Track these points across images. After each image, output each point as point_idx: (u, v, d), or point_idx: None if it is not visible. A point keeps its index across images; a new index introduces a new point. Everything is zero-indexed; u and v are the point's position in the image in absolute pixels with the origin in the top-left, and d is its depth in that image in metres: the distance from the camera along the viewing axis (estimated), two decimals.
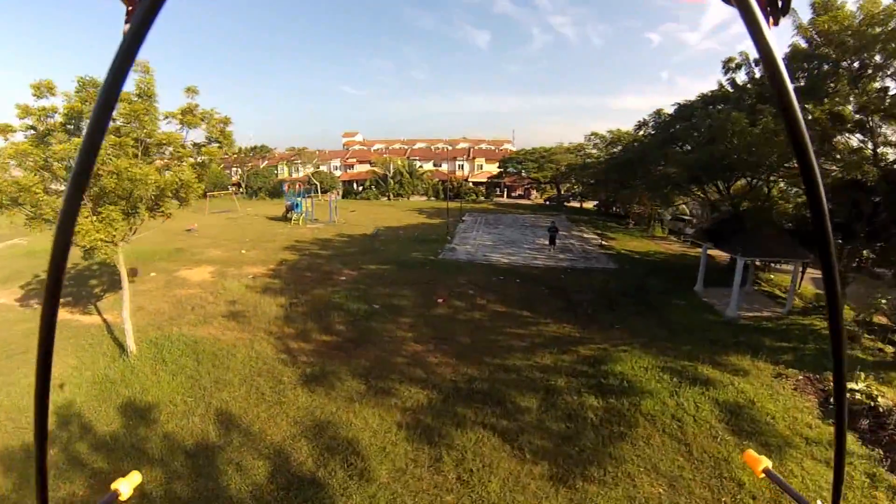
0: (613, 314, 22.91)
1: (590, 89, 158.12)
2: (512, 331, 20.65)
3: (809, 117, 18.60)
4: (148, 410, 14.57)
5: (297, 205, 49.97)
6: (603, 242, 40.80)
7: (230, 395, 15.49)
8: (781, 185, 29.68)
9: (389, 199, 77.79)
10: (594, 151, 62.73)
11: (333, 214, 51.13)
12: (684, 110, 30.94)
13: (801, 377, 16.41)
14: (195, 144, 18.83)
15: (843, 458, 1.27)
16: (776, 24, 0.89)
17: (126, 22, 0.87)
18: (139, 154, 16.94)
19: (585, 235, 45.27)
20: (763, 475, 1.84)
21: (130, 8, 0.89)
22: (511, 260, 32.92)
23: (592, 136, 62.30)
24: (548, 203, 76.07)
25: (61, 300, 2.60)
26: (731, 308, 22.80)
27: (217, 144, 18.77)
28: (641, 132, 38.37)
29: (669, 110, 33.09)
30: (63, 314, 20.94)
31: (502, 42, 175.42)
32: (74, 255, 19.01)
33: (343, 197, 79.81)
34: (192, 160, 18.55)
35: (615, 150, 50.73)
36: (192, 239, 39.62)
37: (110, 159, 15.50)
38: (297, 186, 55.46)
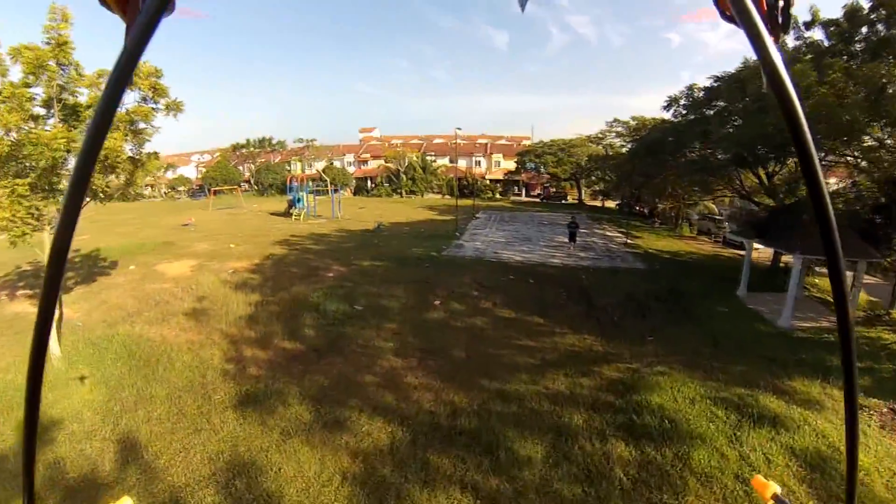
0: (644, 322, 18.90)
1: (609, 89, 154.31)
2: (519, 342, 16.72)
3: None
4: (46, 429, 11.26)
5: (298, 200, 48.22)
6: (628, 241, 36.85)
7: (147, 413, 12.19)
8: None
9: (402, 195, 74.31)
10: (616, 141, 58.31)
11: (337, 210, 48.93)
12: (726, 82, 26.90)
13: (885, 409, 12.47)
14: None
15: (856, 470, 1.19)
16: (777, 40, 0.89)
17: (126, 35, 0.84)
18: (55, 115, 14.16)
19: (608, 233, 41.36)
20: (772, 501, 1.68)
21: (128, 24, 0.88)
22: (525, 258, 29.01)
23: (615, 123, 57.92)
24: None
25: (30, 291, 21.05)
26: (785, 317, 18.78)
27: (152, 104, 15.18)
28: (670, 112, 33.99)
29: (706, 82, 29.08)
30: (25, 306, 19.88)
31: (521, 42, 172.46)
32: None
33: (355, 194, 79.67)
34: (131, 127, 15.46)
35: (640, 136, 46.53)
36: (186, 233, 37.77)
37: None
38: (300, 181, 52.29)
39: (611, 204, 70.20)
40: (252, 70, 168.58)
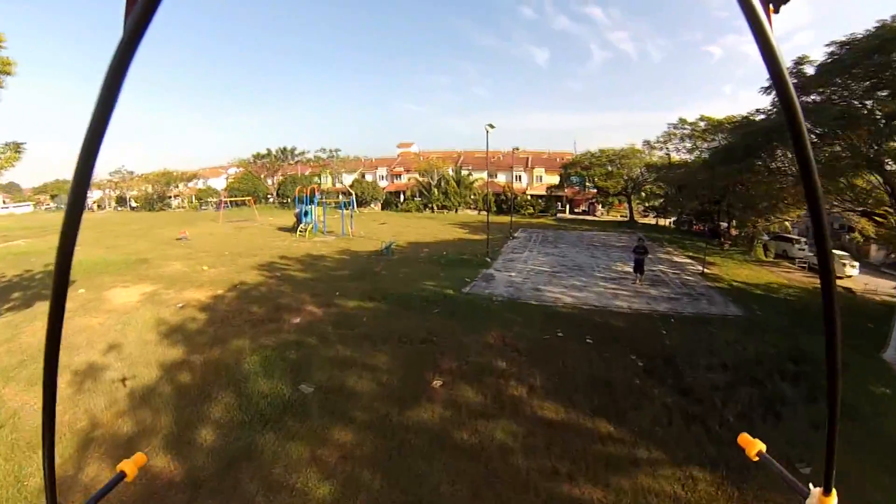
0: (781, 427, 10.78)
1: (651, 105, 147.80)
2: (574, 490, 8.69)
3: None
4: None
5: (306, 213, 42.59)
6: (705, 270, 28.60)
7: None
8: None
9: (433, 210, 67.46)
10: (685, 144, 49.83)
11: (348, 226, 42.97)
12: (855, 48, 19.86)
13: None
14: None
15: (835, 443, 1.21)
16: (776, 11, 0.88)
17: (125, 19, 0.80)
18: None
19: (676, 259, 33.17)
20: (757, 458, 1.64)
21: (127, 6, 0.84)
22: (577, 297, 20.96)
23: (680, 124, 49.43)
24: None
25: None
26: None
27: None
28: (770, 97, 26.38)
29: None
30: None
31: (562, 59, 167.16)
32: None
33: (383, 208, 75.14)
34: None
35: (714, 140, 38.33)
36: (172, 249, 34.40)
37: None
38: (310, 193, 46.04)
39: (663, 222, 62.56)
40: (296, 87, 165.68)
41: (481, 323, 16.72)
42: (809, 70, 23.10)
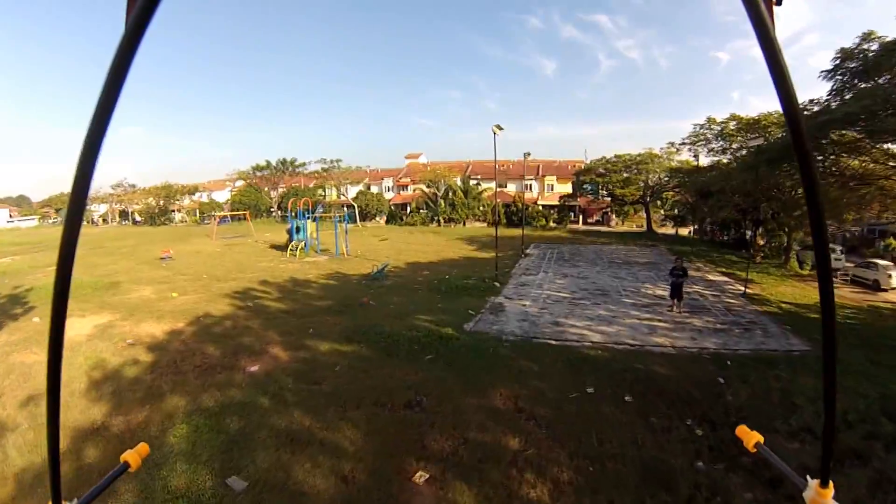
0: None
1: (660, 113, 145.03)
2: None
3: None
4: None
5: (298, 230, 39.07)
6: (747, 290, 24.76)
7: None
8: None
9: (439, 224, 63.96)
10: (715, 146, 45.82)
11: (343, 244, 39.14)
12: None
13: None
14: None
15: (833, 434, 1.26)
16: (779, 3, 0.88)
17: (126, 16, 0.81)
18: None
19: (710, 277, 29.42)
20: (755, 450, 1.78)
21: (129, 4, 0.85)
22: (606, 334, 17.06)
23: (708, 124, 45.42)
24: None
25: None
26: None
27: None
28: (832, 82, 23.76)
29: None
30: None
31: (570, 68, 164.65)
32: None
33: (388, 221, 71.96)
34: None
35: (750, 142, 34.72)
36: (150, 270, 31.91)
37: None
38: (304, 206, 42.81)
39: (683, 232, 59.12)
40: (306, 102, 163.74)
41: (486, 375, 12.90)
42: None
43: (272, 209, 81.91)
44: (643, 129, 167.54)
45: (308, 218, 40.87)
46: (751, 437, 1.73)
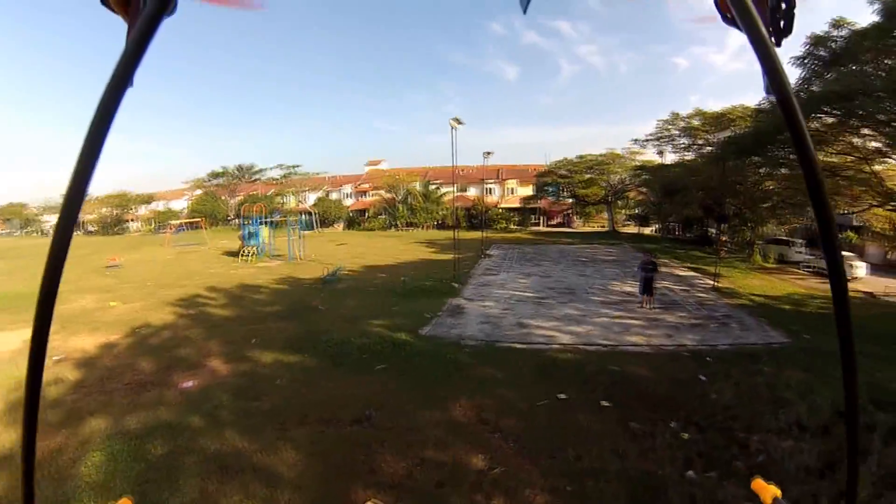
0: None
1: (621, 118, 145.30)
2: None
3: None
4: None
5: (251, 235, 37.48)
6: (717, 284, 24.09)
7: None
8: None
9: (398, 228, 62.63)
10: (681, 142, 45.10)
11: (297, 249, 37.77)
12: None
13: None
14: None
15: (856, 486, 1.16)
16: (778, 45, 0.93)
17: (127, 36, 0.86)
18: None
19: (679, 272, 28.65)
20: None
21: (130, 25, 0.90)
22: (576, 334, 15.78)
23: (672, 119, 44.67)
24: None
25: None
26: None
27: None
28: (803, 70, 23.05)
29: None
30: None
31: (532, 74, 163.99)
32: None
33: (347, 228, 70.86)
34: None
35: (718, 134, 34.36)
36: (95, 279, 29.53)
37: None
38: (258, 212, 41.13)
39: (646, 231, 58.99)
40: (267, 107, 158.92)
41: (445, 385, 11.52)
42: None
43: (230, 217, 79.53)
44: (605, 133, 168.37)
45: (261, 223, 39.40)
46: (768, 492, 1.58)
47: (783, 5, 0.97)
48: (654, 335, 15.47)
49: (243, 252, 36.29)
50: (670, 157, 46.67)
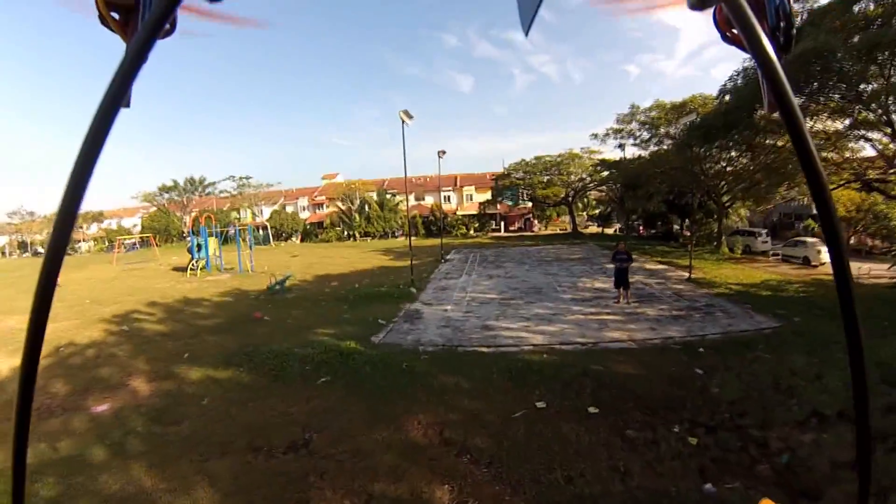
0: None
1: (575, 126, 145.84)
2: None
3: None
4: None
5: (200, 248, 35.62)
6: (691, 275, 22.91)
7: None
8: None
9: (355, 238, 60.86)
10: (642, 135, 43.63)
11: (247, 261, 36.12)
12: None
13: None
14: None
15: (868, 494, 1.03)
16: (780, 61, 0.82)
17: (124, 54, 0.80)
18: None
19: (649, 266, 27.51)
20: None
21: (128, 44, 0.94)
22: (549, 334, 14.09)
23: (631, 113, 43.24)
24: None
25: None
26: None
27: None
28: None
29: None
30: None
31: (486, 84, 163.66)
32: None
33: (303, 240, 68.54)
34: None
35: (683, 119, 33.25)
36: (28, 299, 23.31)
37: None
38: (204, 224, 39.05)
39: (609, 230, 58.56)
40: (216, 122, 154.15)
41: (399, 399, 9.66)
42: None
43: (185, 234, 76.26)
44: (560, 140, 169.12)
45: (210, 235, 37.31)
46: None
47: (782, 24, 1.02)
48: (636, 329, 13.90)
49: (191, 266, 34.48)
50: (631, 152, 45.25)
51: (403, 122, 24.16)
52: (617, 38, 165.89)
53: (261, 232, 62.66)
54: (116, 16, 0.96)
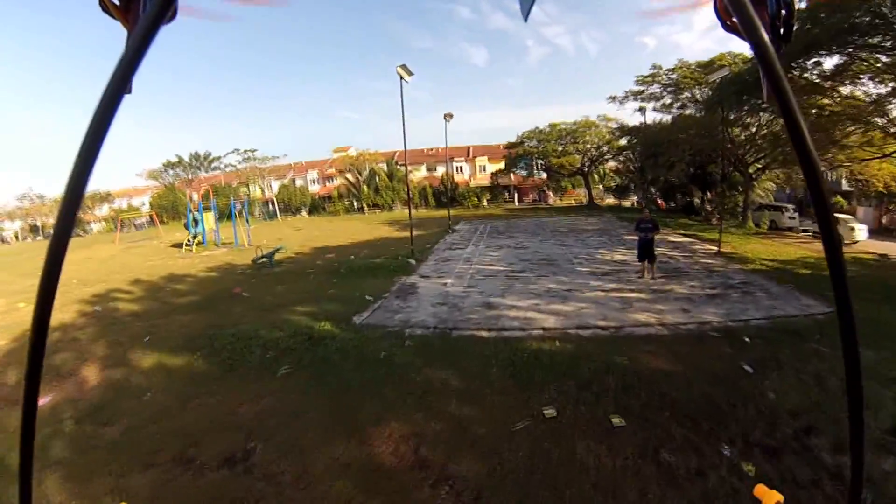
0: None
1: (590, 97, 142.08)
2: None
3: None
4: None
5: (197, 223, 34.81)
6: (720, 249, 20.98)
7: None
8: None
9: (363, 211, 59.14)
10: (664, 100, 40.52)
11: (245, 236, 35.14)
12: None
13: None
14: None
15: (861, 482, 1.00)
16: (779, 51, 0.91)
17: (126, 42, 0.85)
18: None
19: (672, 238, 25.54)
20: None
21: (129, 31, 0.93)
22: (563, 314, 12.03)
23: (655, 71, 40.43)
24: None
25: None
26: None
27: None
28: None
29: None
30: None
31: (500, 56, 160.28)
32: None
33: (310, 213, 66.76)
34: None
35: (713, 75, 30.61)
36: (20, 280, 25.53)
37: None
38: (200, 197, 37.89)
39: (626, 203, 56.99)
40: (229, 95, 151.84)
41: (370, 398, 7.78)
42: None
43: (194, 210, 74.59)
44: (575, 112, 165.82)
45: (207, 210, 36.27)
46: (770, 497, 1.45)
47: (783, 12, 1.02)
48: (666, 310, 11.86)
49: (187, 242, 33.41)
50: (651, 118, 42.26)
51: (402, 78, 22.03)
52: (633, 9, 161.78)
53: (270, 207, 62.36)
54: (117, 1, 0.93)
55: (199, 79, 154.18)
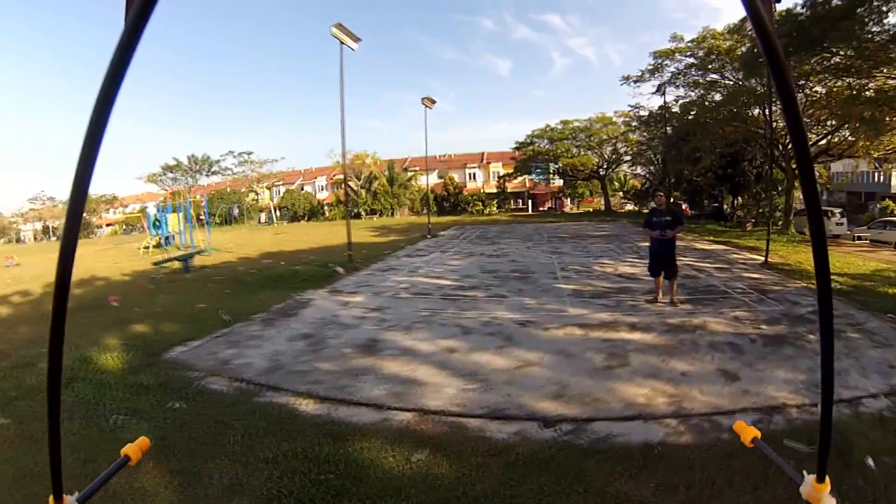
0: None
1: (612, 107, 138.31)
2: None
3: None
4: None
5: (158, 224, 33.36)
6: (767, 259, 15.59)
7: None
8: None
9: (361, 217, 56.24)
10: (690, 77, 33.46)
11: (198, 238, 32.54)
12: None
13: None
14: None
15: (829, 427, 1.13)
16: (770, 7, 0.89)
17: (125, 13, 0.81)
18: None
19: (701, 246, 20.56)
20: (752, 445, 1.54)
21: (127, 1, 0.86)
22: (482, 377, 6.79)
23: (676, 42, 33.39)
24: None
25: None
26: None
27: None
28: None
29: None
30: None
31: (524, 68, 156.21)
32: None
33: (308, 219, 64.73)
34: None
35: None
36: None
37: None
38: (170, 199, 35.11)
39: (646, 210, 50.97)
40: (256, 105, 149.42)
41: None
42: None
43: (200, 216, 71.45)
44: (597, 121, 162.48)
45: (173, 211, 34.57)
46: (748, 433, 1.46)
47: None
48: (693, 375, 6.21)
49: (144, 244, 31.84)
50: (671, 99, 35.90)
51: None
52: (657, 19, 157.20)
53: (270, 213, 61.84)
54: None
55: (241, 86, 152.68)
